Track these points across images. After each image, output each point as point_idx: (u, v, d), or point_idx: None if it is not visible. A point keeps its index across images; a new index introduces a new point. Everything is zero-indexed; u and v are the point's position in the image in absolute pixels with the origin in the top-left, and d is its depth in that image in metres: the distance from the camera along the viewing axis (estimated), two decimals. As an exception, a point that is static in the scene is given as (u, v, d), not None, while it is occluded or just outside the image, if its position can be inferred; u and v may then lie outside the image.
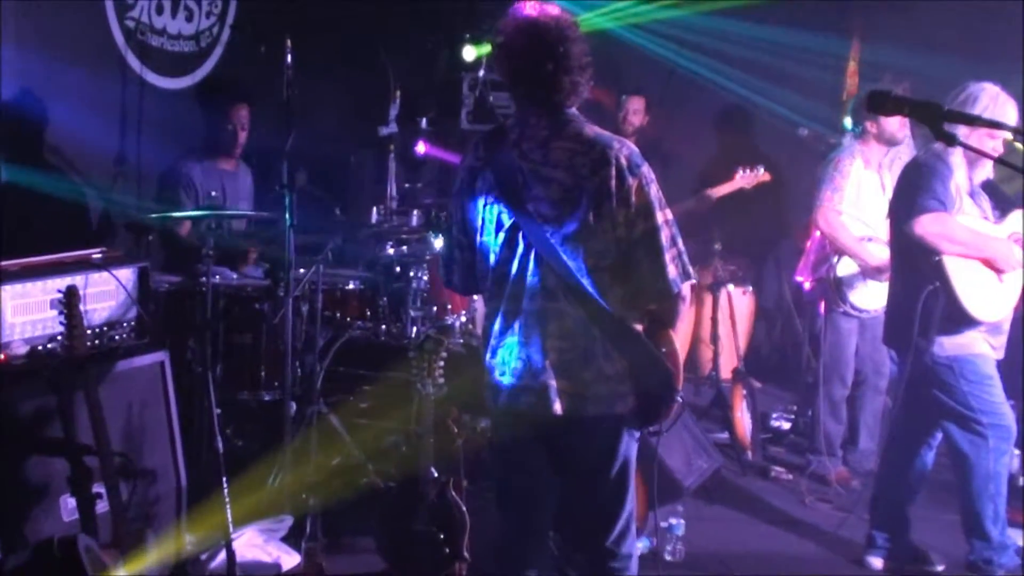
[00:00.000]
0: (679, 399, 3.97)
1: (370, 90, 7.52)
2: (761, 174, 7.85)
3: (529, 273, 3.78)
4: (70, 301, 3.92)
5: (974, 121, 3.38)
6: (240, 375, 5.80)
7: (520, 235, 3.79)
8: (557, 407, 3.76)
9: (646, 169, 3.76)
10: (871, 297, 6.39)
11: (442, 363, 4.76)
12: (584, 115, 3.91)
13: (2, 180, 5.88)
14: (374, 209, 6.82)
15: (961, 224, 5.04)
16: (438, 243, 6.07)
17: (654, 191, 3.75)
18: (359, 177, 8.16)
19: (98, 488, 3.95)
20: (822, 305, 6.67)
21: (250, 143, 6.76)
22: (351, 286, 6.30)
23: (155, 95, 6.94)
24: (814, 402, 6.93)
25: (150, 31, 6.81)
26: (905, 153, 6.45)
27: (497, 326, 3.90)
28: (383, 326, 6.23)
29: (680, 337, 8.46)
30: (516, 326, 3.82)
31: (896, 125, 6.38)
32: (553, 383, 3.76)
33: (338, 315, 6.21)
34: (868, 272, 6.37)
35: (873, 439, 6.88)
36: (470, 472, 5.17)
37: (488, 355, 3.96)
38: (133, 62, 6.72)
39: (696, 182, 8.53)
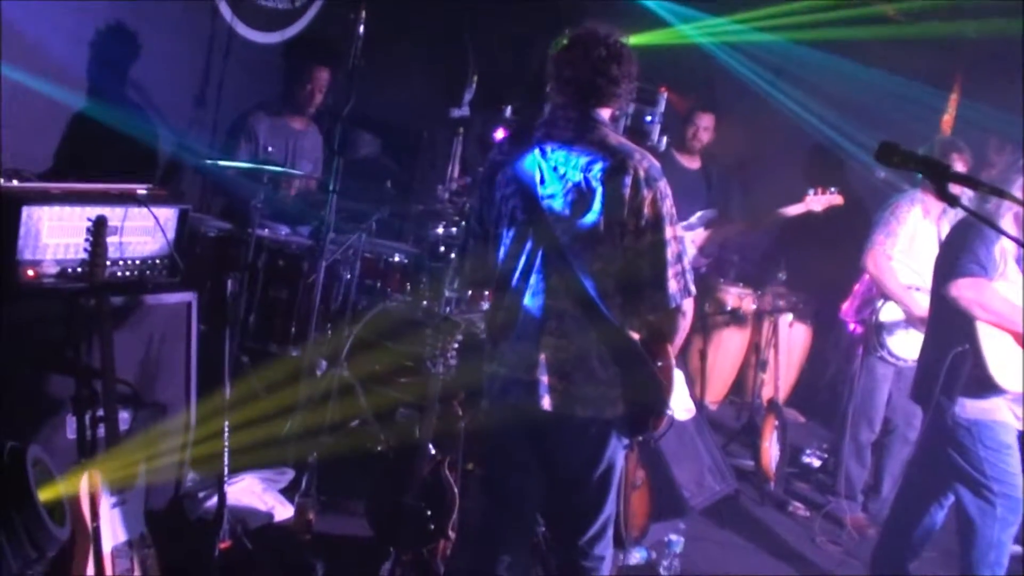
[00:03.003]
0: (669, 412, 4.01)
1: (455, 71, 7.61)
2: (833, 197, 7.62)
3: (535, 269, 3.88)
4: (97, 230, 4.06)
5: (978, 186, 3.36)
6: (272, 328, 5.96)
7: (531, 232, 3.88)
8: (545, 402, 3.84)
9: (663, 184, 3.82)
10: (910, 346, 6.35)
11: (456, 345, 4.86)
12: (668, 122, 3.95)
13: (78, 109, 6.11)
14: (439, 188, 6.92)
15: (998, 294, 4.98)
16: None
17: (667, 206, 3.82)
18: (431, 154, 8.25)
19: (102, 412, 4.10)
20: (862, 348, 6.64)
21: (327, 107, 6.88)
22: (396, 258, 6.41)
23: (243, 47, 7.11)
24: (839, 443, 6.90)
25: (247, -17, 6.99)
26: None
27: (500, 318, 4.00)
28: (424, 303, 6.33)
29: (732, 357, 8.61)
30: (517, 320, 3.92)
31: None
32: (544, 379, 3.85)
33: (378, 285, 6.33)
34: (912, 320, 6.34)
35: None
36: (475, 456, 5.26)
37: (490, 345, 4.07)
38: (225, 11, 6.89)
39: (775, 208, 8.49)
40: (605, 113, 3.97)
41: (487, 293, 6.11)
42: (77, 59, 6.11)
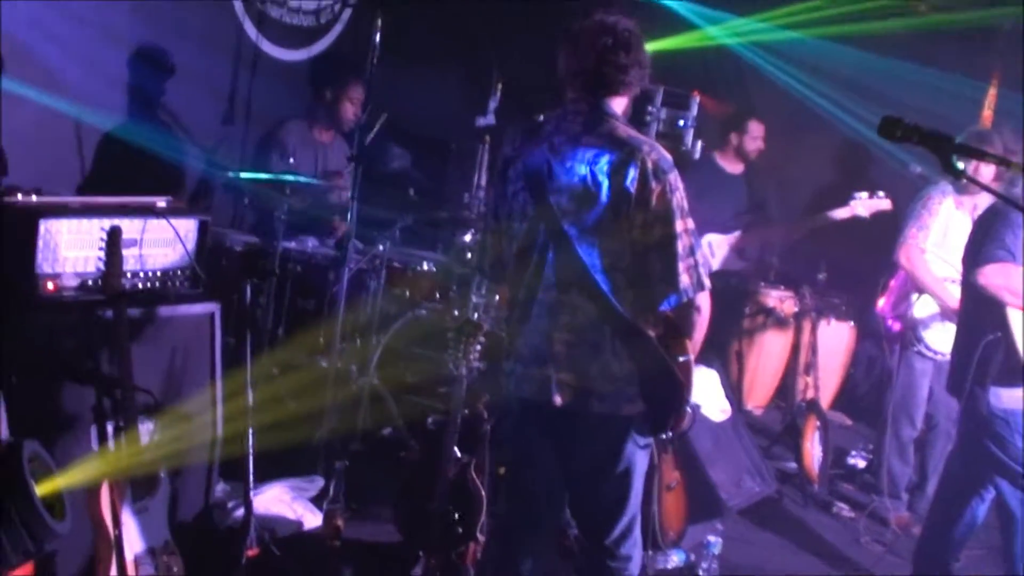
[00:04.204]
0: (689, 409, 3.96)
1: (479, 80, 7.63)
2: (881, 201, 7.44)
3: (546, 264, 3.85)
4: (112, 240, 4.11)
5: (984, 156, 3.32)
6: (300, 338, 5.99)
7: (540, 226, 3.86)
8: (557, 399, 3.81)
9: (673, 176, 3.77)
10: (947, 339, 6.21)
11: (479, 347, 4.84)
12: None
13: (107, 131, 6.20)
14: (466, 196, 6.93)
15: None
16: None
17: (677, 199, 3.76)
18: (460, 164, 8.26)
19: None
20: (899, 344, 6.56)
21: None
22: (424, 267, 6.42)
23: (269, 64, 7.19)
24: (881, 441, 6.81)
25: (270, 1, 7.04)
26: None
27: (515, 314, 3.98)
28: (455, 311, 6.34)
29: (775, 361, 8.51)
30: (530, 315, 3.89)
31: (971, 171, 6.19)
32: (557, 374, 3.82)
33: (408, 293, 6.34)
34: (947, 314, 6.23)
35: (943, 486, 6.71)
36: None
37: (507, 342, 4.05)
38: (250, 30, 6.97)
39: (811, 210, 8.39)
40: (618, 103, 3.94)
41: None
42: (103, 82, 6.19)
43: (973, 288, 5.06)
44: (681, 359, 3.88)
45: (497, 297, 6.04)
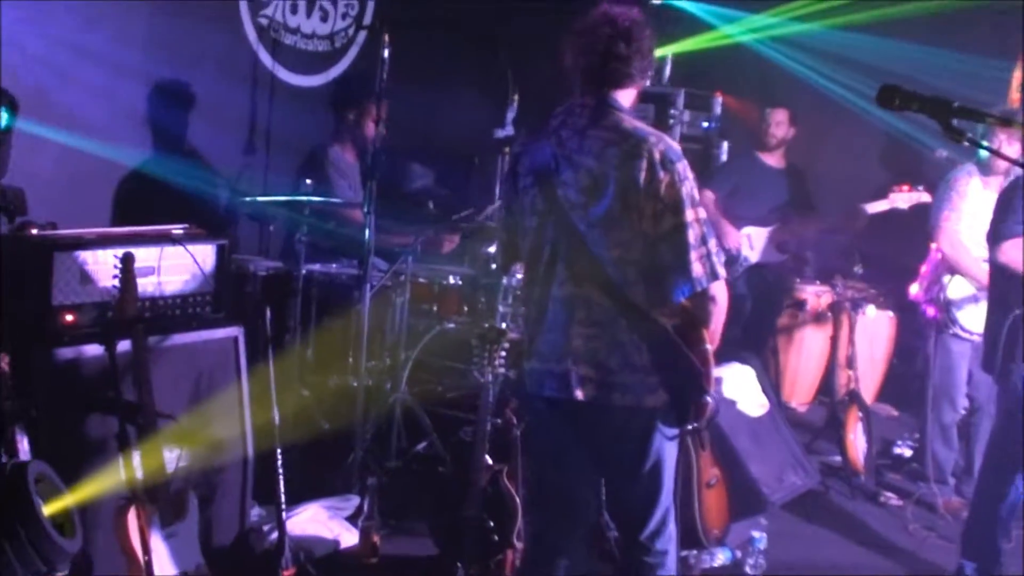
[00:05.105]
0: (709, 399, 3.91)
1: (496, 92, 7.65)
2: (921, 194, 7.36)
3: (559, 258, 3.84)
4: (125, 267, 4.14)
5: (984, 118, 3.27)
6: (329, 359, 6.01)
7: (551, 221, 3.85)
8: (579, 393, 3.78)
9: (681, 166, 3.74)
10: (981, 320, 6.14)
11: (504, 353, 4.84)
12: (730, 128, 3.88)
13: (133, 166, 6.26)
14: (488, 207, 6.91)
15: None
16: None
17: (687, 188, 3.73)
18: (483, 177, 8.27)
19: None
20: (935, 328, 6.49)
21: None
22: (451, 281, 6.41)
23: (286, 91, 7.23)
24: (923, 427, 6.73)
25: (283, 29, 7.09)
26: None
27: (531, 311, 3.97)
28: (485, 324, 6.31)
29: (816, 357, 8.42)
30: (547, 311, 3.88)
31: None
32: (576, 369, 3.79)
33: (435, 308, 6.33)
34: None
35: (990, 468, 6.60)
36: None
37: (527, 341, 4.03)
38: (265, 58, 7.02)
39: (844, 203, 8.32)
40: (624, 96, 3.91)
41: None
42: (123, 118, 6.26)
43: (997, 265, 5.02)
44: (699, 348, 3.84)
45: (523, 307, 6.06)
